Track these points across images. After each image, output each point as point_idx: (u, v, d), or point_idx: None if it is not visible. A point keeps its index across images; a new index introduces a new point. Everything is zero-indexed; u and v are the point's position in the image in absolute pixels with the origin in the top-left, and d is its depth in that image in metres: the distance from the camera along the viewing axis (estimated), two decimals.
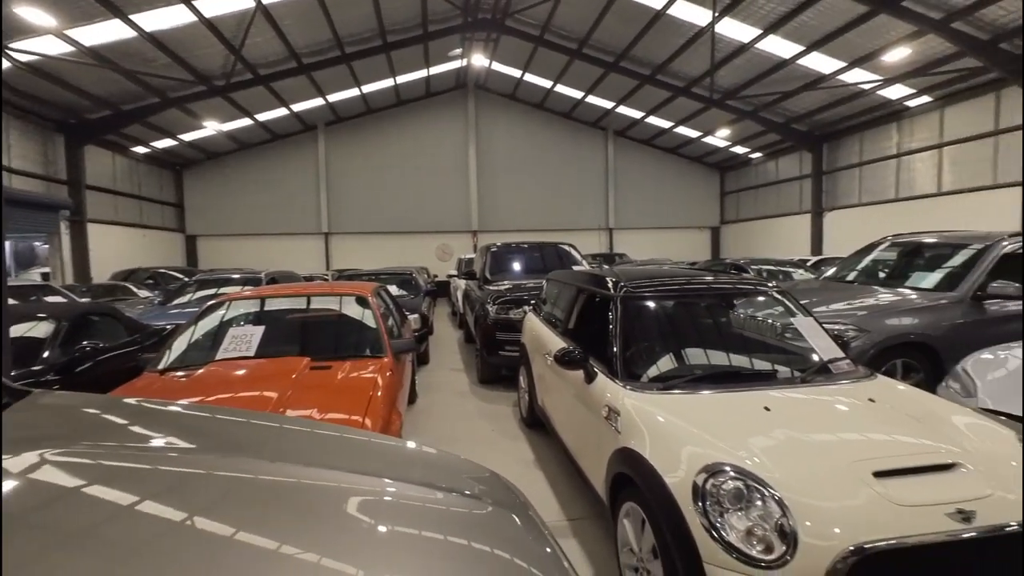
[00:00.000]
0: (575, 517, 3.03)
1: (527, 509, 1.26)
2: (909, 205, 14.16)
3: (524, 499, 1.33)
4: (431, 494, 1.21)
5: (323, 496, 1.07)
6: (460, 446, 4.16)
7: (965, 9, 9.93)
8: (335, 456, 1.42)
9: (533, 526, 1.15)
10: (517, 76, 18.95)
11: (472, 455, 1.73)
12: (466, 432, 4.59)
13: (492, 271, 7.43)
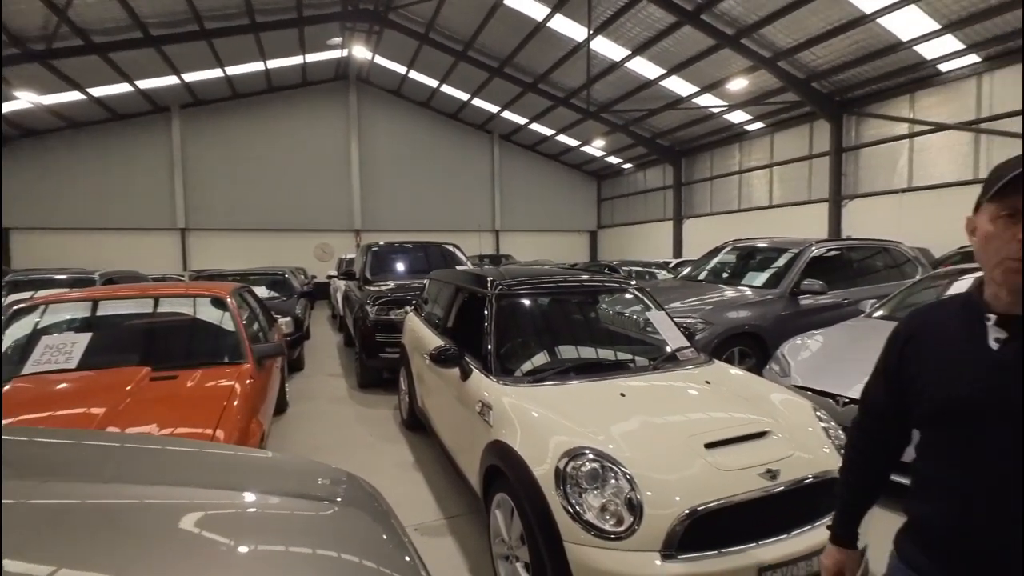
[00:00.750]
0: (453, 515, 3.04)
1: (381, 508, 1.23)
2: (749, 215, 16.41)
3: (380, 498, 1.31)
4: (277, 501, 1.15)
5: (159, 515, 0.99)
6: (334, 454, 3.96)
7: (787, 51, 11.79)
8: (178, 472, 1.30)
9: (387, 524, 1.13)
10: (402, 72, 18.55)
11: (347, 462, 1.66)
12: (342, 439, 4.37)
13: (373, 271, 7.17)
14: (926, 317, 1.09)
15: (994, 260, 0.91)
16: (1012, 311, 0.92)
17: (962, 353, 0.97)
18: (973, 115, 10.90)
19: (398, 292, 6.11)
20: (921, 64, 11.15)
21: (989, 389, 0.92)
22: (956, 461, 0.97)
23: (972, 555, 0.94)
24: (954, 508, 0.96)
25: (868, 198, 12.99)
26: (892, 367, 1.10)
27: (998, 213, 0.90)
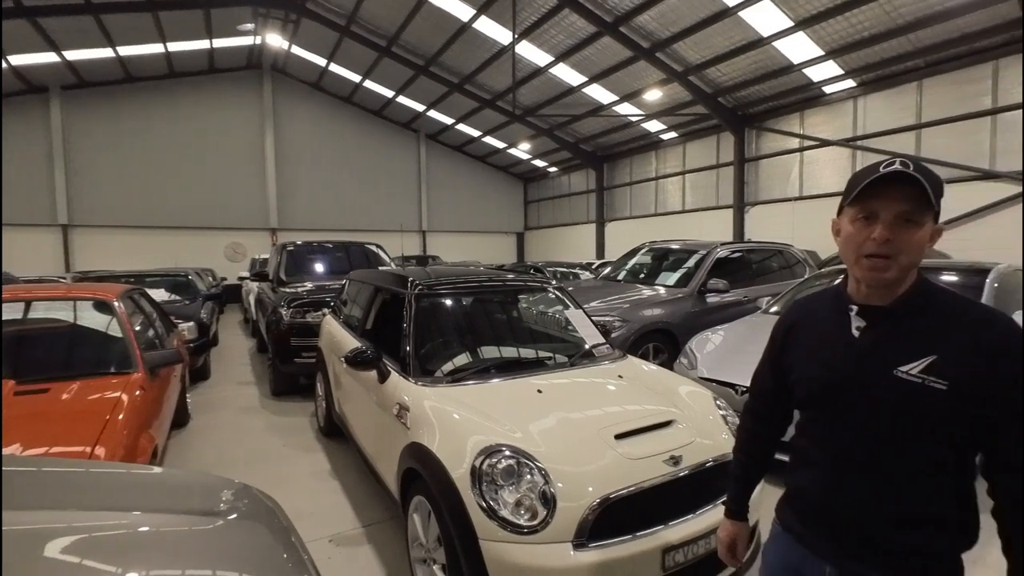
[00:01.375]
0: (371, 523, 2.94)
1: (280, 522, 1.17)
2: (665, 219, 17.39)
3: (279, 512, 1.24)
4: (159, 519, 1.05)
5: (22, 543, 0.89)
6: (240, 468, 3.70)
7: (696, 67, 12.65)
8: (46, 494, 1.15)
9: (285, 539, 1.07)
10: (322, 65, 17.74)
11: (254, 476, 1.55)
12: (251, 451, 4.09)
13: (288, 272, 6.80)
14: (803, 309, 1.21)
15: (854, 257, 1.02)
16: (870, 302, 1.04)
17: (831, 340, 1.08)
18: (851, 133, 12.30)
19: (316, 294, 5.84)
20: (809, 85, 12.41)
21: (850, 372, 1.03)
22: (824, 437, 1.09)
23: (835, 517, 1.07)
24: (821, 478, 1.09)
25: (767, 205, 14.24)
26: (776, 354, 1.22)
27: (856, 216, 1.01)
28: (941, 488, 0.98)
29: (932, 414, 0.95)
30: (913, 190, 0.95)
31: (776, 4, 10.08)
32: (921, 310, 1.01)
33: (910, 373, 0.96)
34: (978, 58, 10.11)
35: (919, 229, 0.96)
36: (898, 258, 0.96)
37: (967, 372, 0.93)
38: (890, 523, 0.99)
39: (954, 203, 10.69)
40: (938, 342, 0.97)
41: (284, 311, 5.40)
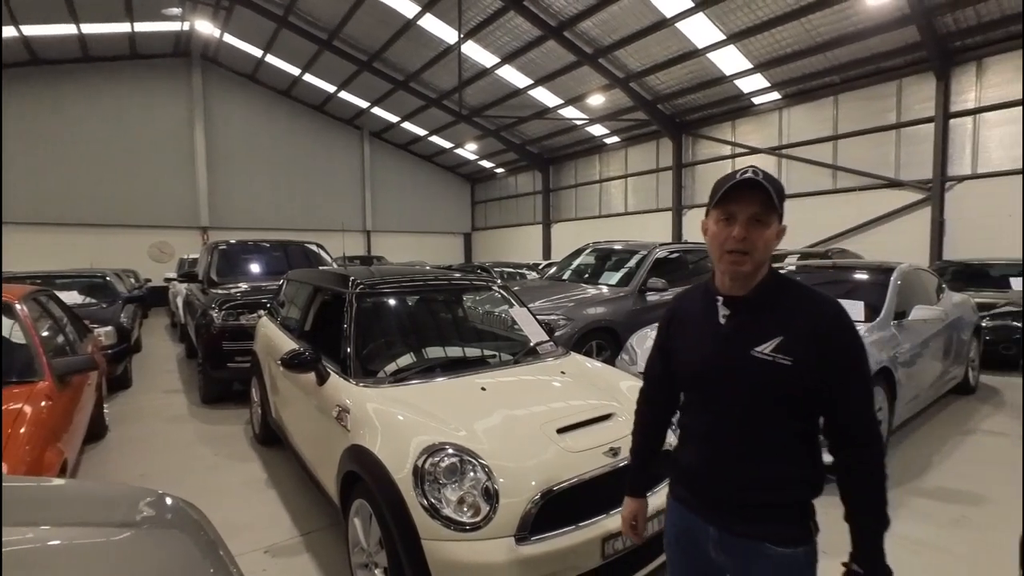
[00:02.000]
0: (309, 531, 2.83)
1: (201, 529, 1.10)
2: (608, 220, 17.88)
3: (205, 523, 1.17)
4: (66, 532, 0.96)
5: None
6: (165, 480, 3.46)
7: (637, 74, 13.10)
8: None
9: (209, 551, 1.01)
10: (258, 56, 16.91)
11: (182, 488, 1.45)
12: (178, 463, 3.83)
13: (220, 272, 6.42)
14: (682, 301, 1.35)
15: (719, 253, 1.15)
16: (733, 293, 1.18)
17: (703, 328, 1.23)
18: (777, 142, 13.16)
19: (251, 295, 5.56)
20: (740, 96, 13.16)
21: (718, 354, 1.18)
22: (700, 413, 1.25)
23: (712, 483, 1.21)
24: (699, 450, 1.24)
25: (703, 208, 14.94)
26: (662, 343, 1.37)
27: (719, 217, 1.15)
28: (794, 450, 1.14)
29: (781, 386, 1.11)
30: (762, 195, 1.10)
31: (709, 18, 10.62)
32: (772, 298, 1.16)
33: (763, 352, 1.11)
34: (885, 77, 11.10)
35: (767, 228, 1.12)
36: (752, 253, 1.11)
37: (807, 349, 1.09)
38: (756, 483, 1.14)
39: (866, 208, 11.69)
40: (785, 325, 1.12)
41: (215, 313, 5.10)
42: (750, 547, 1.15)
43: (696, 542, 1.25)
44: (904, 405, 3.90)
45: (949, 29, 9.66)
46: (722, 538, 1.19)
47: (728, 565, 1.20)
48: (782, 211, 1.13)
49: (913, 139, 10.90)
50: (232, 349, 4.95)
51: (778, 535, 1.13)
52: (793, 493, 1.14)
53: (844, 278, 4.88)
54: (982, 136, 10.07)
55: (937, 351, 4.48)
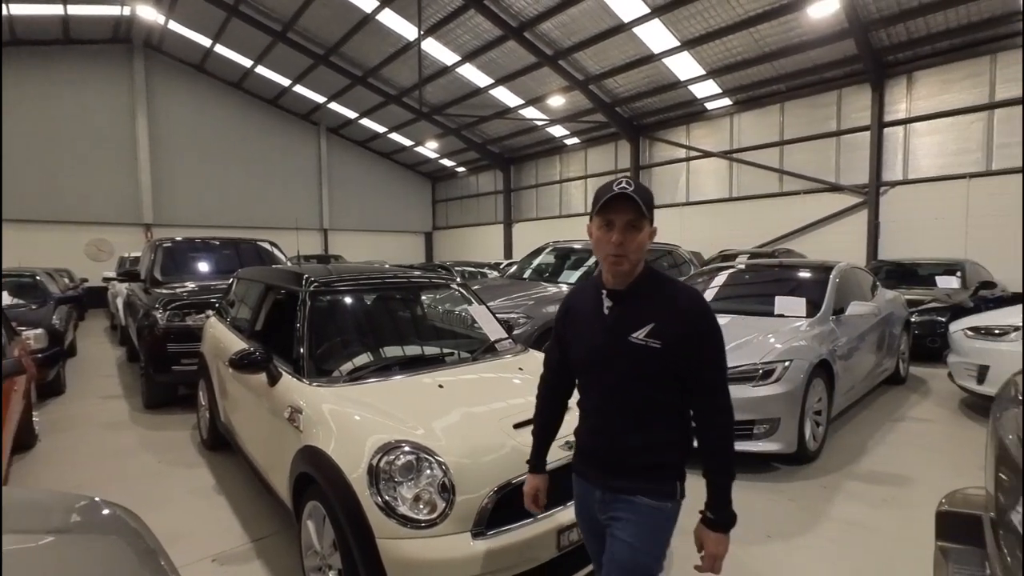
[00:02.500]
0: (260, 537, 2.75)
1: (140, 536, 1.05)
2: (569, 220, 18.11)
3: (139, 524, 1.12)
4: None
5: None
6: (104, 490, 3.26)
7: (596, 77, 13.34)
8: None
9: (145, 555, 0.97)
10: (206, 45, 16.18)
11: (122, 497, 1.36)
12: (118, 471, 3.63)
13: (165, 271, 6.12)
14: (576, 295, 1.51)
15: (602, 255, 1.32)
16: (615, 287, 1.36)
17: (591, 318, 1.40)
18: (728, 146, 13.69)
19: (199, 295, 5.33)
20: (693, 101, 13.61)
21: (602, 341, 1.35)
22: (589, 394, 1.44)
23: (598, 452, 1.41)
24: (589, 425, 1.44)
25: (660, 209, 15.38)
26: (559, 332, 1.53)
27: (601, 223, 1.31)
28: (665, 419, 1.34)
29: (653, 366, 1.29)
30: (634, 205, 1.26)
31: (664, 24, 10.93)
32: (646, 290, 1.34)
33: (638, 338, 1.29)
34: (826, 87, 11.74)
35: (640, 233, 1.29)
36: (629, 255, 1.29)
37: (674, 333, 1.28)
38: (634, 449, 1.34)
39: (809, 211, 12.32)
40: (656, 313, 1.30)
41: (159, 314, 4.86)
42: (626, 500, 1.34)
43: (588, 507, 1.44)
44: (842, 395, 4.15)
45: (883, 44, 10.32)
46: (604, 497, 1.38)
47: (607, 517, 1.38)
48: (652, 217, 1.31)
49: (851, 146, 11.58)
50: (177, 351, 4.73)
51: (650, 490, 1.33)
52: (664, 455, 1.34)
53: (788, 276, 5.13)
54: (912, 144, 10.81)
55: (871, 344, 4.78)
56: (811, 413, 3.67)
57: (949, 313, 6.70)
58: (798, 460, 3.58)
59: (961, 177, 10.17)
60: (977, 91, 9.92)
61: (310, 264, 4.96)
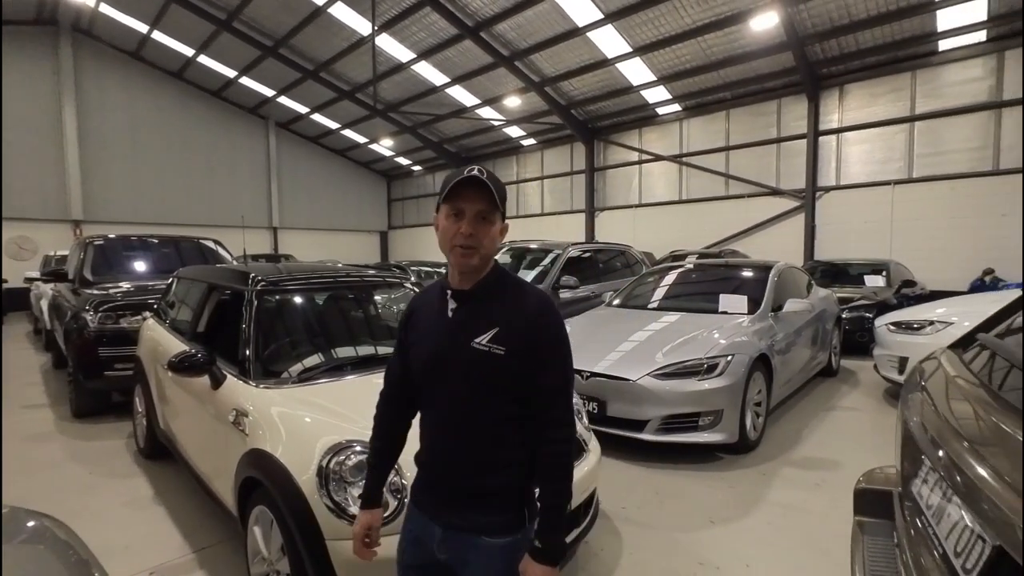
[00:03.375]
0: (203, 547, 2.64)
1: (70, 547, 1.00)
2: (527, 221, 18.26)
3: (68, 535, 1.06)
4: None
5: None
6: (31, 506, 3.03)
7: (552, 79, 13.51)
8: None
9: (72, 562, 0.93)
10: (143, 31, 15.25)
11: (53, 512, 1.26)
12: (44, 486, 3.38)
13: (96, 271, 5.74)
14: (420, 298, 1.35)
15: (449, 247, 1.18)
16: (460, 287, 1.21)
17: (435, 322, 1.24)
18: (678, 150, 14.19)
19: (135, 295, 5.03)
20: (645, 106, 14.03)
21: (445, 346, 1.20)
22: (430, 406, 1.26)
23: (435, 474, 1.24)
24: (428, 443, 1.26)
25: (614, 210, 15.77)
26: (401, 339, 1.34)
27: (449, 213, 1.17)
28: (509, 436, 1.18)
29: (496, 374, 1.15)
30: (486, 194, 1.15)
31: (617, 30, 11.22)
32: (493, 292, 1.21)
33: (481, 343, 1.15)
34: (767, 96, 12.39)
35: (492, 225, 1.18)
36: (479, 248, 1.16)
37: (519, 339, 1.15)
38: (475, 467, 1.18)
39: (753, 213, 12.96)
40: (501, 316, 1.17)
41: (89, 316, 4.56)
42: (467, 540, 1.18)
43: (424, 546, 1.23)
44: (779, 387, 4.40)
45: (818, 57, 11.00)
46: (446, 536, 1.20)
47: (451, 561, 1.21)
48: (504, 210, 1.20)
49: (791, 152, 12.27)
50: (110, 355, 4.45)
51: (492, 525, 1.17)
52: (508, 476, 1.18)
53: (732, 275, 5.40)
54: (844, 152, 11.57)
55: (807, 339, 5.10)
56: (751, 404, 3.88)
57: (876, 309, 7.22)
58: (739, 449, 3.77)
59: (886, 184, 10.98)
60: (900, 104, 10.73)
61: (257, 263, 4.78)
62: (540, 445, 1.17)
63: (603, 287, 6.91)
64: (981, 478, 0.83)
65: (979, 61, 9.77)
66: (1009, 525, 0.72)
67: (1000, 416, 0.94)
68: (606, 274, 7.54)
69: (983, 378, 1.13)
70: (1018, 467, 0.80)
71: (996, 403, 1.01)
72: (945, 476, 0.94)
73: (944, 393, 1.19)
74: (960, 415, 1.06)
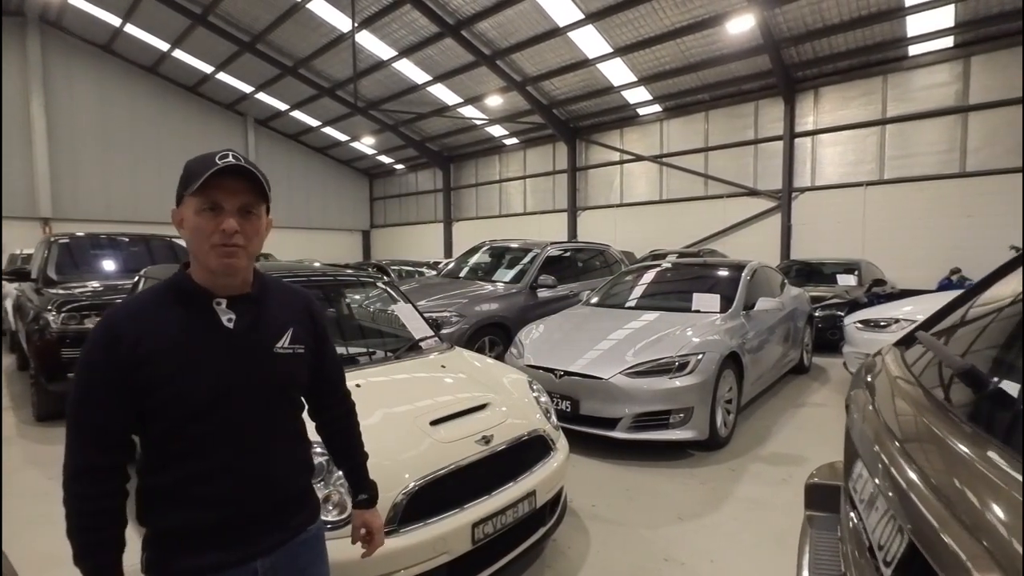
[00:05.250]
0: None
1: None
2: (509, 220, 18.27)
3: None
4: None
5: None
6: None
7: (534, 79, 13.53)
8: None
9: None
10: (115, 24, 14.89)
11: (9, 518, 1.22)
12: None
13: (62, 270, 5.59)
14: (140, 323, 0.99)
15: (205, 247, 0.98)
16: (235, 292, 1.05)
17: (204, 340, 1.01)
18: (659, 150, 14.33)
19: (103, 295, 4.91)
20: (626, 107, 14.13)
21: (236, 363, 1.02)
22: (219, 442, 1.01)
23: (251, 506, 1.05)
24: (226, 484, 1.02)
25: (595, 210, 15.86)
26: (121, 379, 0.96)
27: (201, 207, 0.99)
28: (300, 434, 1.17)
29: (300, 374, 1.14)
30: (249, 184, 1.01)
31: (598, 31, 11.28)
32: (269, 293, 1.13)
33: (284, 347, 1.09)
34: (745, 98, 12.57)
35: (259, 220, 1.04)
36: (248, 247, 1.01)
37: (307, 333, 1.16)
38: (293, 477, 1.14)
39: (731, 213, 13.14)
40: (289, 317, 1.13)
41: (52, 316, 4.43)
42: (296, 545, 1.13)
43: None
44: (750, 385, 4.47)
45: (793, 60, 11.20)
46: (272, 561, 1.08)
47: None
48: (269, 203, 1.08)
49: (767, 154, 12.47)
50: (74, 357, 4.32)
51: (312, 514, 1.20)
52: (307, 475, 1.20)
53: (707, 274, 5.47)
54: (818, 154, 11.81)
55: (778, 337, 5.19)
56: (722, 402, 3.93)
57: (847, 308, 7.38)
58: (710, 446, 3.82)
59: (859, 185, 11.23)
60: (871, 108, 10.99)
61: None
62: (341, 419, 1.33)
63: (582, 286, 6.93)
64: (904, 475, 0.85)
65: (946, 66, 10.06)
66: (922, 520, 0.74)
67: (929, 415, 0.97)
68: (585, 273, 7.56)
69: (918, 375, 1.16)
70: (940, 466, 0.82)
71: (928, 401, 1.04)
72: (872, 472, 0.96)
73: (882, 390, 1.22)
74: (894, 412, 1.08)
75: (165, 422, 0.99)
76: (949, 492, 0.73)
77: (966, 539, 0.63)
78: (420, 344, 3.11)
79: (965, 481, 0.73)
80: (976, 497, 0.69)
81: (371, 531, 1.36)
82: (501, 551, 2.14)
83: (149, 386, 0.97)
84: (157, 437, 1.01)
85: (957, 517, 0.67)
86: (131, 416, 0.99)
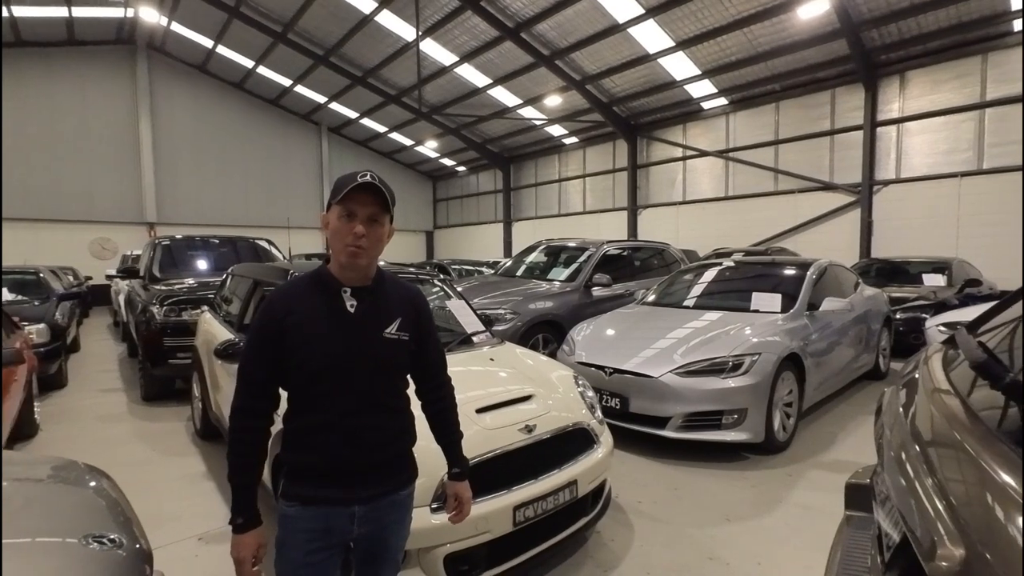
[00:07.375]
0: None
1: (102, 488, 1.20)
2: (567, 219, 18.23)
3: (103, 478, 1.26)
4: None
5: None
6: None
7: (593, 77, 13.44)
8: None
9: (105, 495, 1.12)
10: (208, 46, 16.39)
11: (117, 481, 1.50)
12: (110, 459, 3.78)
13: (163, 268, 6.30)
14: (289, 301, 1.28)
15: (341, 246, 1.25)
16: (359, 284, 1.31)
17: (331, 319, 1.27)
18: (724, 145, 13.77)
19: (197, 291, 5.50)
20: (689, 101, 13.69)
21: (352, 341, 1.27)
22: (333, 403, 1.25)
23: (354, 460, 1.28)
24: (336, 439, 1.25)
25: (656, 208, 15.49)
26: (274, 347, 1.25)
27: (341, 214, 1.24)
28: (406, 407, 1.40)
29: (404, 357, 1.37)
30: (378, 198, 1.26)
31: (659, 25, 11.03)
32: (385, 287, 1.36)
33: (391, 333, 1.33)
34: (819, 86, 11.81)
35: (382, 228, 1.29)
36: (369, 249, 1.26)
37: (413, 324, 1.37)
38: (389, 444, 1.35)
39: (803, 209, 12.40)
40: (398, 308, 1.36)
41: (156, 309, 5.03)
42: (386, 502, 1.34)
43: (336, 530, 1.27)
44: (813, 389, 4.26)
45: (875, 44, 10.39)
46: (367, 510, 1.29)
47: (371, 530, 1.32)
48: (393, 214, 1.31)
49: (845, 145, 11.65)
50: (173, 345, 4.90)
51: (405, 480, 1.41)
52: (409, 442, 1.42)
53: (770, 273, 5.25)
54: (904, 144, 10.87)
55: (848, 340, 4.89)
56: (780, 405, 3.80)
57: (932, 310, 6.79)
58: (767, 450, 3.71)
59: (953, 176, 10.24)
60: (968, 91, 9.98)
61: (300, 260, 5.11)
62: (444, 400, 1.52)
63: (638, 285, 6.85)
64: (908, 475, 0.86)
65: None
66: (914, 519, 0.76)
67: (952, 416, 0.96)
68: (642, 272, 7.46)
69: (950, 375, 1.14)
70: (949, 466, 0.83)
71: (951, 400, 1.03)
72: (887, 468, 0.97)
73: (918, 390, 1.21)
74: (918, 413, 1.08)
75: (297, 380, 1.27)
76: (949, 490, 0.75)
77: (946, 521, 0.66)
78: (472, 338, 3.27)
79: (965, 479, 0.75)
80: (973, 493, 0.70)
81: (461, 501, 1.54)
82: (541, 536, 2.24)
83: (288, 350, 1.24)
84: (292, 392, 1.30)
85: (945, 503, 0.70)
86: (277, 372, 1.27)
